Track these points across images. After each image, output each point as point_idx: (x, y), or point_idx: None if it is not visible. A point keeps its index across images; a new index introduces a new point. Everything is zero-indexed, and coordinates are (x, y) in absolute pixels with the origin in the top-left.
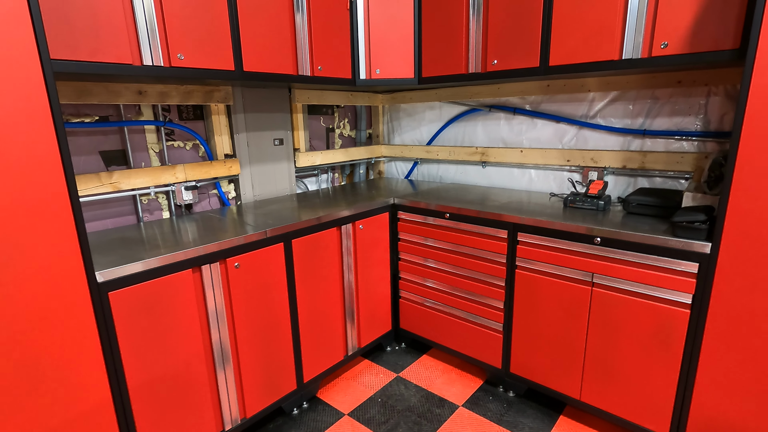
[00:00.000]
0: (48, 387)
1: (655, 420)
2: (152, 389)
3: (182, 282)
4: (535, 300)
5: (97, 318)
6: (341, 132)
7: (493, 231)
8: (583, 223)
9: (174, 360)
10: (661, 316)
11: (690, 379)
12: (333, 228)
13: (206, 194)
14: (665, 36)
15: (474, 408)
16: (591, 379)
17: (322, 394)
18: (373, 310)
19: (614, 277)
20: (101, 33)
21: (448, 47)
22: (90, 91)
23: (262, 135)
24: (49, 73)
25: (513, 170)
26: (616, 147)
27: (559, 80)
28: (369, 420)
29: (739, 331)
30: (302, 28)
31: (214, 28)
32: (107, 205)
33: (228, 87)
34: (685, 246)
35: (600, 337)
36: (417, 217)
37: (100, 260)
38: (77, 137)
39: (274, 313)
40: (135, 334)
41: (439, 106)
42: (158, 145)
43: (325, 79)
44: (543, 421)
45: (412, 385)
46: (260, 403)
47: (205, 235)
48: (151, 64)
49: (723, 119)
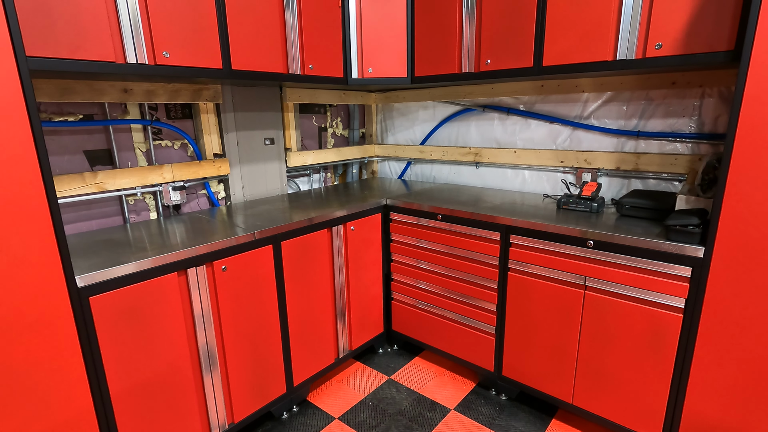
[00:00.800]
0: (26, 395)
1: (648, 424)
2: (136, 396)
3: (167, 286)
4: (527, 303)
5: (78, 324)
6: (334, 131)
7: (486, 233)
8: (577, 225)
9: (158, 365)
10: (654, 320)
11: (682, 382)
12: (324, 229)
13: (195, 195)
14: (660, 37)
15: (466, 411)
16: (583, 382)
17: (313, 398)
18: (364, 312)
19: (607, 281)
20: (83, 29)
21: (442, 46)
22: (73, 89)
23: (253, 134)
24: (24, 71)
25: (506, 171)
26: (609, 148)
27: (553, 80)
28: (359, 424)
29: (732, 335)
30: (292, 25)
31: (201, 26)
32: (92, 205)
33: (217, 85)
34: (678, 250)
35: (592, 341)
36: (410, 219)
37: (81, 264)
38: (60, 136)
39: (263, 316)
40: (117, 339)
41: (433, 106)
42: (145, 145)
43: (317, 78)
44: (535, 425)
45: (404, 388)
46: (248, 408)
47: (192, 236)
48: (135, 62)
49: (717, 121)
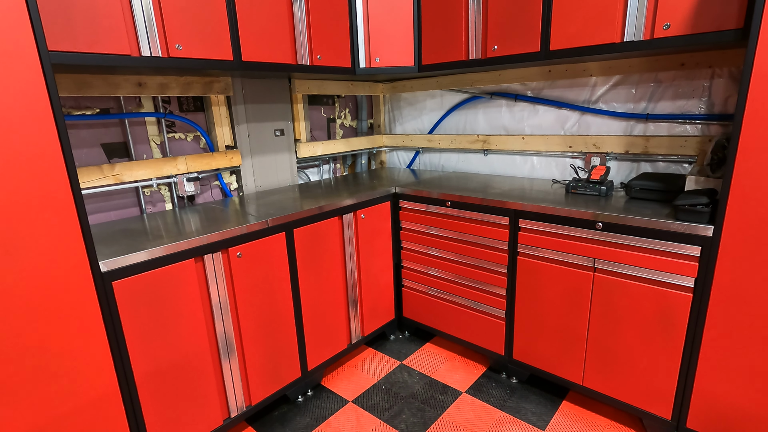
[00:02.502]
0: (54, 376)
1: (658, 404)
2: (158, 377)
3: (185, 271)
4: (537, 286)
5: (102, 307)
6: (342, 122)
7: (495, 218)
8: (586, 208)
9: (179, 348)
10: (664, 301)
11: (692, 362)
12: (334, 217)
13: (208, 185)
14: (667, 17)
15: (477, 394)
16: (593, 364)
17: (327, 382)
18: (376, 299)
19: (616, 262)
20: (99, 24)
21: (448, 34)
22: (89, 83)
23: (263, 126)
24: (47, 65)
25: (515, 157)
26: (618, 132)
27: (560, 65)
28: (373, 407)
29: (741, 314)
30: (300, 16)
31: (212, 18)
32: (110, 197)
33: (228, 78)
34: (687, 229)
35: (602, 323)
36: (419, 206)
37: (103, 251)
38: (78, 130)
39: (277, 301)
40: (139, 323)
41: (440, 95)
42: (159, 137)
43: (325, 68)
44: (546, 407)
45: (416, 373)
46: (265, 391)
47: (207, 225)
48: (149, 54)
49: (727, 102)
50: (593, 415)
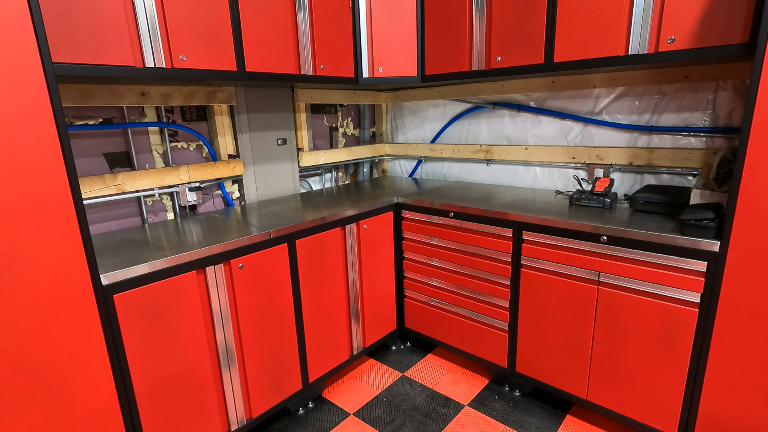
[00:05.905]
0: (54, 389)
1: (664, 419)
2: (158, 390)
3: (186, 284)
4: (540, 299)
5: (102, 320)
6: (345, 131)
7: (498, 230)
8: (589, 221)
9: (179, 361)
10: (669, 315)
11: (699, 378)
12: (337, 228)
13: (210, 195)
14: (672, 30)
15: (480, 407)
16: (598, 378)
17: (328, 394)
18: (377, 310)
19: (621, 276)
20: (103, 35)
21: (452, 44)
22: (93, 93)
23: (266, 135)
24: (51, 77)
25: (518, 168)
26: (622, 143)
27: (564, 77)
28: (374, 420)
29: (748, 329)
30: (304, 27)
31: (216, 29)
32: (112, 207)
33: (231, 87)
34: (693, 244)
35: (607, 336)
36: (421, 216)
37: (104, 262)
38: (81, 139)
39: (279, 313)
40: (140, 336)
41: (443, 104)
42: (162, 147)
43: (328, 78)
44: (549, 421)
45: (418, 385)
46: (266, 404)
47: (209, 236)
48: (153, 65)
49: (732, 114)
50: (597, 430)
